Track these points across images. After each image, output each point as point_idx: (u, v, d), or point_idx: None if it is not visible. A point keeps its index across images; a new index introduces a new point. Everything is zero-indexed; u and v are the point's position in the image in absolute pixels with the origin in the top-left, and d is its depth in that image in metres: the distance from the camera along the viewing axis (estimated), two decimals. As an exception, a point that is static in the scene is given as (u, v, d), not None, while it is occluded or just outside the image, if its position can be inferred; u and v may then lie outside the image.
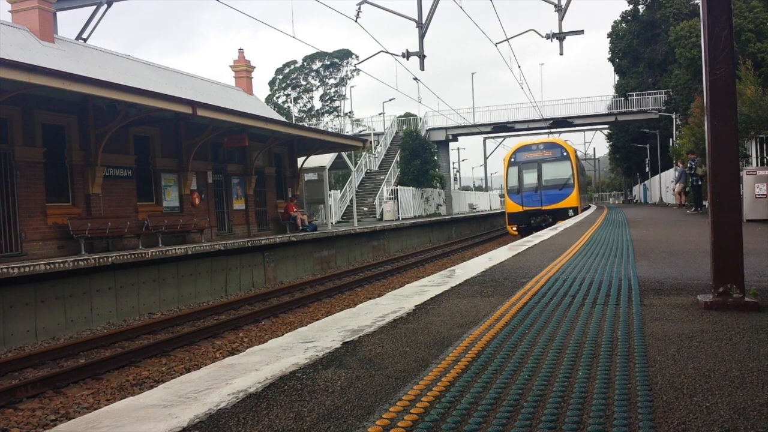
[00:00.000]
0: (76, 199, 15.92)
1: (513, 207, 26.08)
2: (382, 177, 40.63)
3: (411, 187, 39.54)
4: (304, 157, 26.02)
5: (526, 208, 25.54)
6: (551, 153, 26.03)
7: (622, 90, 48.59)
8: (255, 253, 18.56)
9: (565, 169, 25.61)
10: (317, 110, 74.99)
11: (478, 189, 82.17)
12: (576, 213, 24.47)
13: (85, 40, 23.15)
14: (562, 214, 24.15)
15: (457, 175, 77.02)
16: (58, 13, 21.74)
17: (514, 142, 50.35)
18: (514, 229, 26.05)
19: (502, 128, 48.50)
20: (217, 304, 14.92)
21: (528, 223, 25.28)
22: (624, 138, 54.28)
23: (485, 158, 71.43)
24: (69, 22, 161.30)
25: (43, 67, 13.01)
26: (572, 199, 25.32)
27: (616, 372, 2.28)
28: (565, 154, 25.96)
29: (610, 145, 62.21)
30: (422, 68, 16.72)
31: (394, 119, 49.50)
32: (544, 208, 25.27)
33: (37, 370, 9.67)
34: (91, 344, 11.08)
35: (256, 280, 18.62)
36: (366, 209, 37.85)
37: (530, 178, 25.94)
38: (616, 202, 73.68)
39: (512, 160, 26.54)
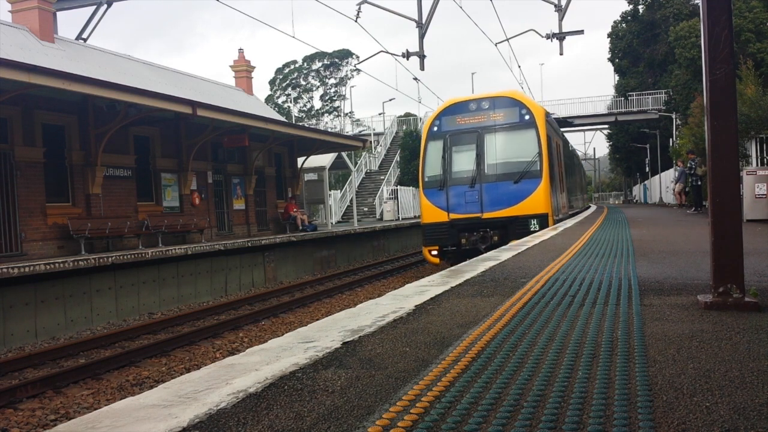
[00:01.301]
0: (76, 199, 15.92)
1: (432, 214, 15.18)
2: (382, 177, 40.64)
3: (411, 187, 39.54)
4: (304, 157, 26.03)
5: (453, 217, 14.84)
6: (502, 115, 14.99)
7: (622, 90, 48.66)
8: (255, 253, 18.55)
9: (527, 143, 14.81)
10: (317, 110, 75.01)
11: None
12: (545, 225, 14.17)
13: (85, 40, 23.15)
14: (517, 228, 14.09)
15: (457, 175, 76.95)
16: (58, 13, 21.74)
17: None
18: (434, 253, 15.24)
19: (502, 128, 48.48)
20: (217, 304, 14.92)
21: (456, 242, 14.77)
22: (624, 138, 54.34)
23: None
24: (69, 22, 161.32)
25: (43, 67, 13.02)
26: (537, 200, 14.45)
27: (616, 372, 2.28)
28: (527, 116, 14.86)
29: (610, 145, 62.28)
30: (422, 68, 16.73)
31: (394, 119, 49.55)
32: (485, 216, 14.59)
33: (37, 370, 9.67)
34: (91, 344, 11.09)
35: (256, 280, 18.62)
36: (366, 209, 37.85)
37: (463, 162, 15.12)
38: (616, 202, 73.71)
39: (434, 128, 15.54)
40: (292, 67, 75.20)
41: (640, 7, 47.73)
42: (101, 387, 8.69)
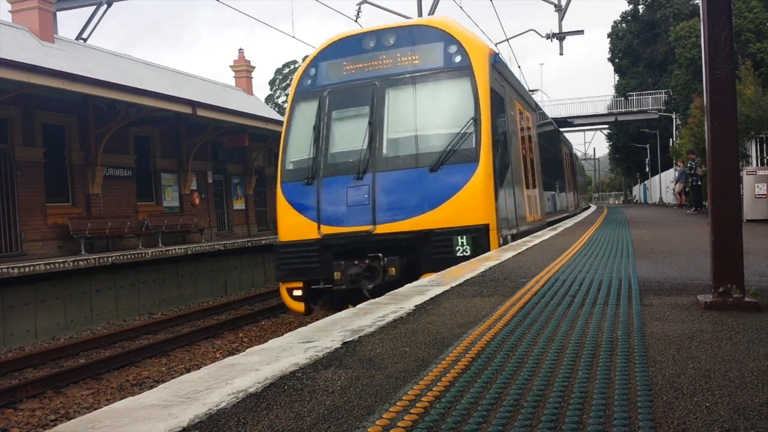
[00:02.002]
0: (76, 199, 15.92)
1: (293, 227, 9.25)
2: (382, 177, 40.54)
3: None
4: (304, 157, 25.99)
5: (327, 232, 8.86)
6: (417, 57, 9.18)
7: (622, 90, 48.68)
8: (255, 253, 18.55)
9: (456, 102, 9.10)
10: (317, 110, 74.89)
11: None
12: (482, 247, 8.30)
13: (85, 40, 23.14)
14: (432, 251, 8.45)
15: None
16: (58, 13, 21.74)
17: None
18: (297, 294, 9.11)
19: (502, 128, 48.42)
20: (217, 304, 14.92)
21: (328, 275, 8.72)
22: (624, 138, 54.34)
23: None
24: (69, 22, 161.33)
25: (43, 67, 13.03)
26: (469, 201, 8.52)
27: (616, 372, 2.28)
28: (457, 58, 9.00)
29: (610, 145, 62.28)
30: (422, 68, 16.69)
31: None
32: (379, 230, 8.61)
33: (37, 370, 9.67)
34: (91, 344, 11.09)
35: (256, 280, 18.62)
36: (366, 209, 37.78)
37: (347, 137, 9.32)
38: (616, 202, 73.72)
39: (306, 81, 9.82)
40: (292, 67, 75.14)
41: (640, 7, 47.73)
42: (101, 387, 8.69)
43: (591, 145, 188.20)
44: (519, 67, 26.54)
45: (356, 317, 3.56)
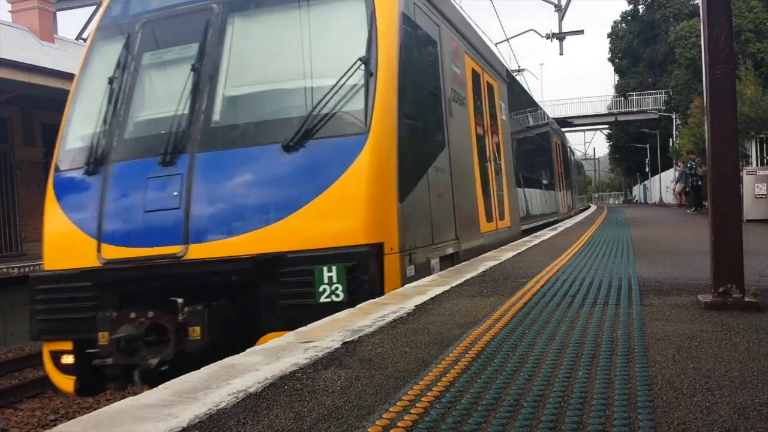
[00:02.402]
0: (76, 199, 15.94)
1: (63, 243, 5.38)
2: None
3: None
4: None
5: (111, 256, 5.07)
6: None
7: (622, 90, 48.74)
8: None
9: (340, 34, 5.42)
10: (317, 110, 74.90)
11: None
12: (365, 288, 4.58)
13: (85, 40, 23.15)
14: (279, 295, 4.67)
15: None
16: (58, 13, 21.75)
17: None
18: (67, 360, 5.13)
19: (502, 128, 48.46)
20: (217, 304, 14.90)
21: (91, 328, 4.78)
22: (624, 138, 54.40)
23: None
24: (69, 22, 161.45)
25: (43, 67, 13.03)
26: (351, 204, 4.74)
27: (616, 372, 2.28)
28: None
29: (610, 145, 62.34)
30: (422, 68, 16.63)
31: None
32: (193, 255, 4.82)
33: (37, 370, 9.67)
34: (91, 344, 11.09)
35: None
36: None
37: (160, 96, 5.72)
38: (616, 202, 73.75)
39: (115, 11, 6.21)
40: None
41: (640, 7, 47.78)
42: (101, 387, 8.68)
43: (591, 145, 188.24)
44: (519, 67, 26.51)
45: (356, 317, 3.56)
